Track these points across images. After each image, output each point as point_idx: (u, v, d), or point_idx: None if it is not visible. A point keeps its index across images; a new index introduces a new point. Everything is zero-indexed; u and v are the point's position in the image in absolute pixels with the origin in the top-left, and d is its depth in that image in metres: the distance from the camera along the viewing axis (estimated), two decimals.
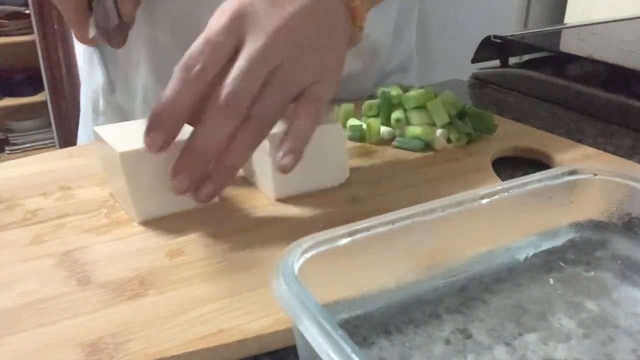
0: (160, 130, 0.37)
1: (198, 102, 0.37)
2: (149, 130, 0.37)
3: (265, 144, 0.41)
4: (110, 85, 0.66)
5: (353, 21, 0.43)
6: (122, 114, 0.66)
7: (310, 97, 0.40)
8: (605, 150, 0.51)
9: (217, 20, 0.38)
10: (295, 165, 0.38)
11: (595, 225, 0.34)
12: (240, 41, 0.38)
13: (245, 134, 0.38)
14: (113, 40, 0.44)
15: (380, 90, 0.55)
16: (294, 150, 0.38)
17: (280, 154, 0.38)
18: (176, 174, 0.38)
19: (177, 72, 0.37)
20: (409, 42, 0.75)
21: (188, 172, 0.38)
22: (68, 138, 2.49)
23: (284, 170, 0.38)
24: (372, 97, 0.59)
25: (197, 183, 0.38)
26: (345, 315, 0.29)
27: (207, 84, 0.37)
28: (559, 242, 0.35)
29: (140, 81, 0.64)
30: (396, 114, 0.53)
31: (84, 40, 0.45)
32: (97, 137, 0.42)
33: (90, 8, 0.44)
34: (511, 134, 0.54)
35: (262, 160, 0.43)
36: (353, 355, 0.20)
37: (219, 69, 0.37)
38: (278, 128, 0.42)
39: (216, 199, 0.42)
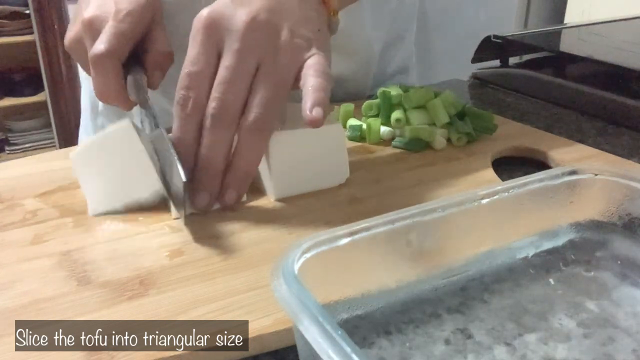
0: (183, 164, 0.38)
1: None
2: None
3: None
4: None
5: (325, 6, 0.43)
6: (120, 114, 0.66)
7: (311, 62, 0.40)
8: (605, 150, 0.51)
9: (192, 47, 0.40)
10: (325, 117, 0.38)
11: (596, 225, 0.34)
12: (220, 48, 0.39)
13: (249, 139, 0.39)
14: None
15: (380, 90, 0.55)
16: (321, 102, 0.38)
17: (308, 107, 0.37)
18: (196, 191, 0.40)
19: (175, 110, 0.40)
20: (409, 43, 0.75)
21: (204, 188, 0.40)
22: (68, 138, 2.48)
23: (316, 123, 0.37)
24: (372, 97, 0.59)
25: (217, 194, 0.40)
26: (345, 315, 0.29)
27: (204, 108, 0.39)
28: (559, 242, 0.35)
29: None
30: (396, 114, 0.52)
31: (124, 106, 0.46)
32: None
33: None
34: (511, 134, 0.54)
35: (262, 160, 0.43)
36: (353, 355, 0.20)
37: (210, 88, 0.39)
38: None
39: (245, 197, 0.42)
